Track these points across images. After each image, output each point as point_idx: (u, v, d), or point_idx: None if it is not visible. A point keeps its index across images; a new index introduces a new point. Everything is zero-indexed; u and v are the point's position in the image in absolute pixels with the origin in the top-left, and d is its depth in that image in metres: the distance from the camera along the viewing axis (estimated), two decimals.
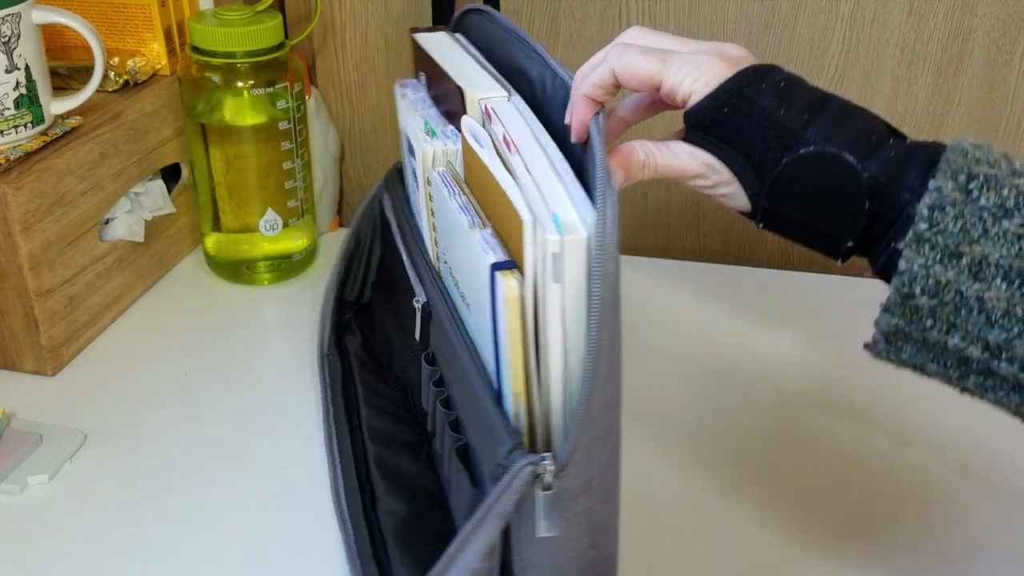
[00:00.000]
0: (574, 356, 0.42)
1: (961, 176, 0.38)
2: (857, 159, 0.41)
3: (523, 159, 0.45)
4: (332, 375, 0.67)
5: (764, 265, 0.98)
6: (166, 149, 0.80)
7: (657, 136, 0.49)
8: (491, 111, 0.49)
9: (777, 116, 0.43)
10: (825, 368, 0.73)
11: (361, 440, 0.62)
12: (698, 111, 0.44)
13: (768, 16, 0.86)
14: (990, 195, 0.37)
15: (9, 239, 0.65)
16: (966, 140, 0.39)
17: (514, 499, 0.41)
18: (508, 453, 0.41)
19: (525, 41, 0.53)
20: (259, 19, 0.75)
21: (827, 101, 0.44)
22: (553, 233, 0.40)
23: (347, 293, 0.74)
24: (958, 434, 0.67)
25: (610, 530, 0.45)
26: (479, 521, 0.42)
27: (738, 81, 0.44)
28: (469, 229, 0.46)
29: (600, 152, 0.40)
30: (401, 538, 0.54)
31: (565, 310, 0.41)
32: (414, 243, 0.60)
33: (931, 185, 0.38)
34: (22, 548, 0.56)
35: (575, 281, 0.40)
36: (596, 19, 0.89)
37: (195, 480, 0.61)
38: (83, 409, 0.67)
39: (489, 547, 0.42)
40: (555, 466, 0.40)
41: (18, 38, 0.65)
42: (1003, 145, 0.88)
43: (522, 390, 0.43)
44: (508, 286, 0.41)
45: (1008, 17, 0.83)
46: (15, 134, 0.67)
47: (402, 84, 0.63)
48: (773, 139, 0.43)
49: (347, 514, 0.56)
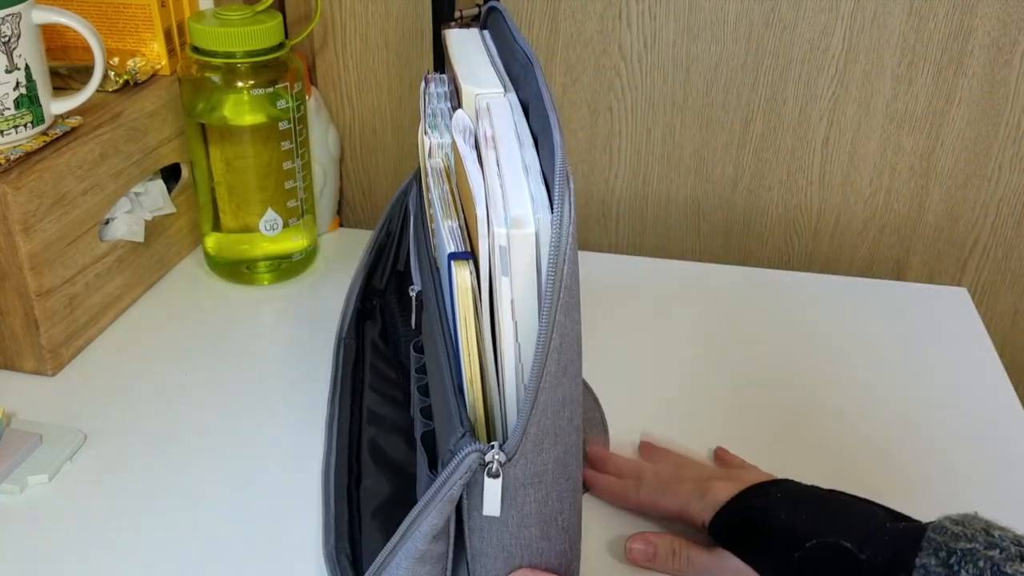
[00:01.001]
0: (528, 349, 0.43)
1: (942, 553, 0.43)
2: (855, 545, 0.47)
3: (498, 156, 0.46)
4: (346, 359, 0.69)
5: (764, 265, 0.98)
6: (166, 149, 0.80)
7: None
8: (484, 106, 0.50)
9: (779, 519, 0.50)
10: (825, 368, 0.73)
11: (359, 422, 0.63)
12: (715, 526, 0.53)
13: (768, 16, 0.86)
14: (968, 567, 0.42)
15: (9, 239, 0.65)
16: (948, 519, 0.45)
17: (460, 484, 0.42)
18: (458, 440, 0.43)
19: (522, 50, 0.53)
20: (259, 19, 0.75)
21: (829, 499, 0.51)
22: (501, 226, 0.40)
23: (376, 281, 0.75)
24: (958, 435, 0.67)
25: (567, 527, 0.46)
26: (426, 504, 0.43)
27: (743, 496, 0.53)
28: (441, 219, 0.47)
29: (560, 154, 0.41)
30: (378, 517, 0.56)
31: (514, 303, 0.42)
32: (422, 233, 0.61)
33: (917, 563, 0.44)
34: (22, 548, 0.56)
35: (523, 275, 0.41)
36: (596, 19, 0.89)
37: (195, 480, 0.61)
38: (83, 409, 0.67)
39: (435, 529, 0.44)
40: (502, 455, 0.42)
41: (18, 38, 0.65)
42: (1002, 145, 0.88)
43: (476, 379, 0.44)
44: (460, 276, 0.43)
45: (1008, 17, 0.83)
46: (15, 134, 0.67)
47: (428, 78, 0.63)
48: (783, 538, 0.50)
49: (332, 491, 0.58)
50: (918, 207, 0.93)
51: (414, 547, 0.44)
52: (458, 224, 0.46)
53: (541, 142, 0.46)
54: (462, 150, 0.46)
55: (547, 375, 0.41)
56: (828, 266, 0.97)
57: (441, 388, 0.48)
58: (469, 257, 0.43)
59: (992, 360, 0.75)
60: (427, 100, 0.59)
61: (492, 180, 0.44)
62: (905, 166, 0.91)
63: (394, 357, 0.71)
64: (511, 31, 0.55)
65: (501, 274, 0.41)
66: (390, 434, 0.63)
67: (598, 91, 0.92)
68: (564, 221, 0.39)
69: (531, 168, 0.44)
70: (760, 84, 0.89)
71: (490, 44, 0.59)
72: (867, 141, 0.90)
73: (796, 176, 0.93)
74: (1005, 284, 0.95)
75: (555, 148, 0.41)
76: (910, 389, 0.72)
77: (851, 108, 0.89)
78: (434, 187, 0.50)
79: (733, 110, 0.91)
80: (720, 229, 0.97)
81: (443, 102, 0.59)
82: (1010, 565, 0.41)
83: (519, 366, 0.43)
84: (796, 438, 0.66)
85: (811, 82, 0.88)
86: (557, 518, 0.45)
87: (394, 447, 0.62)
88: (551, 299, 0.40)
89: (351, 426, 0.63)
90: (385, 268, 0.75)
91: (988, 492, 0.62)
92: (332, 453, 0.61)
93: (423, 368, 0.54)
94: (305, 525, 0.58)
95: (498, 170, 0.44)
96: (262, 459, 0.63)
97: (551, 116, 0.44)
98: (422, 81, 0.63)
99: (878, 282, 0.86)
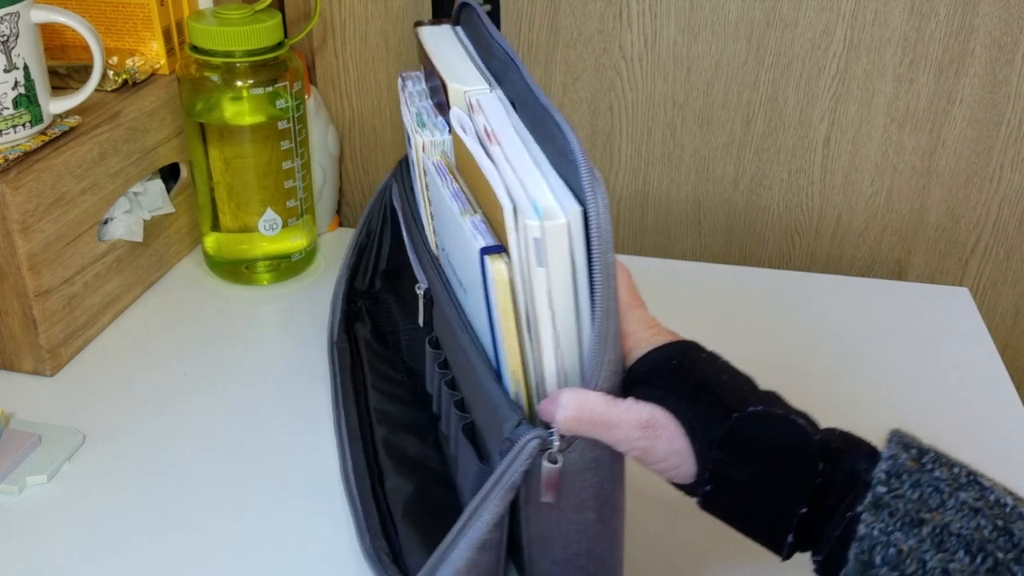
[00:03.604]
0: (565, 337, 0.43)
1: (913, 449, 0.39)
2: (806, 424, 0.41)
3: (503, 149, 0.46)
4: (341, 362, 0.69)
5: (764, 265, 0.98)
6: (165, 149, 0.80)
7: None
8: (475, 103, 0.50)
9: (721, 379, 0.43)
10: (825, 368, 0.73)
11: (369, 423, 0.63)
12: (646, 361, 0.44)
13: (769, 14, 0.86)
14: (943, 470, 0.38)
15: (8, 239, 0.65)
16: None
17: (522, 471, 0.42)
18: (514, 427, 0.43)
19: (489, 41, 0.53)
20: (258, 18, 0.75)
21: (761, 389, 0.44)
22: (533, 219, 0.41)
23: (358, 283, 0.75)
24: (959, 434, 0.67)
25: (616, 507, 0.46)
26: (487, 493, 0.43)
27: (682, 344, 0.45)
28: (460, 215, 0.47)
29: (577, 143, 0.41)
30: (409, 515, 0.56)
31: (551, 293, 0.42)
32: (417, 231, 0.61)
33: (885, 453, 0.39)
34: (22, 548, 0.56)
35: (559, 265, 0.42)
36: (596, 19, 0.89)
37: (194, 480, 0.61)
38: (82, 409, 0.67)
39: (498, 518, 0.44)
40: (562, 441, 0.42)
41: (17, 37, 0.65)
42: (1004, 145, 0.88)
43: (519, 368, 0.45)
44: (497, 269, 0.42)
45: (1010, 16, 0.82)
46: (14, 134, 0.67)
47: (404, 77, 0.63)
48: (720, 398, 0.42)
49: (356, 493, 0.58)
50: (919, 207, 0.92)
51: (476, 536, 0.44)
52: (481, 218, 0.46)
53: (540, 136, 0.46)
54: (470, 146, 0.47)
55: (606, 361, 0.41)
56: (829, 266, 0.97)
57: (474, 380, 0.48)
58: (501, 250, 0.43)
59: (993, 360, 0.75)
60: (408, 99, 0.60)
61: (508, 174, 0.44)
62: (906, 166, 0.91)
63: (395, 356, 0.70)
64: (486, 28, 0.55)
65: (536, 265, 0.41)
66: (402, 432, 0.63)
67: (598, 90, 0.92)
68: (600, 207, 0.40)
69: (540, 161, 0.45)
70: (761, 83, 0.89)
71: (465, 41, 0.59)
72: (868, 140, 0.90)
73: (797, 176, 0.93)
74: (1007, 284, 0.95)
75: (569, 140, 0.41)
76: (911, 389, 0.71)
77: (852, 107, 0.89)
78: (442, 185, 0.50)
79: (734, 109, 0.91)
80: (721, 228, 0.97)
81: (424, 100, 0.59)
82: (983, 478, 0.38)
83: (558, 353, 0.44)
84: None
85: (812, 81, 0.88)
86: (611, 500, 0.46)
87: (409, 445, 0.62)
88: (603, 285, 0.40)
89: (361, 426, 0.63)
90: (367, 268, 0.75)
91: None
92: (347, 455, 0.60)
93: (445, 363, 0.54)
94: (305, 524, 0.58)
95: (509, 164, 0.45)
96: (262, 459, 0.63)
97: (552, 110, 0.44)
98: (399, 80, 0.63)
99: (879, 282, 0.86)
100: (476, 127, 0.49)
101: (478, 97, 0.51)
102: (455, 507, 0.56)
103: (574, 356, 0.44)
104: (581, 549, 0.46)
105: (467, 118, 0.50)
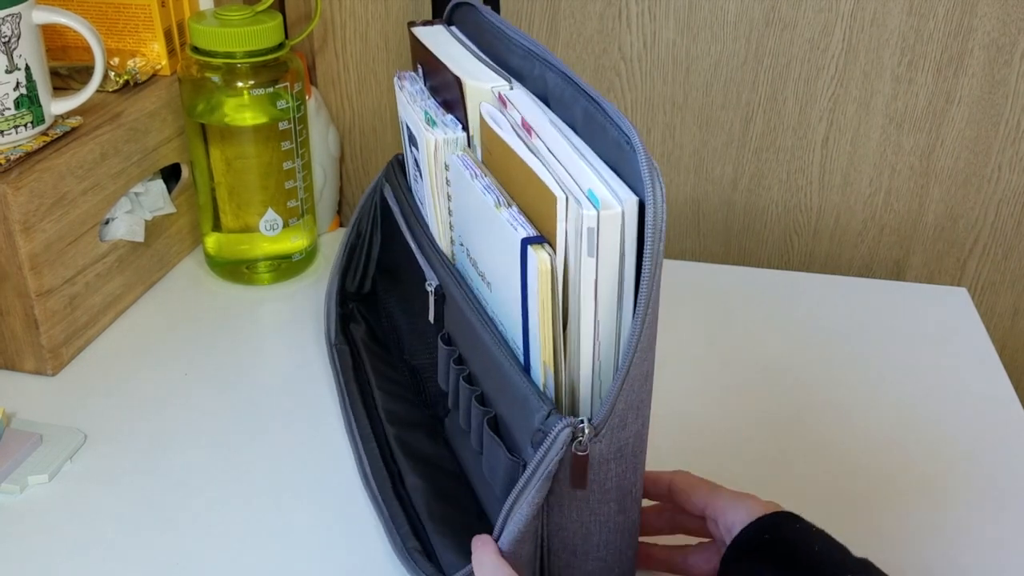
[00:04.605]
0: (604, 328, 0.44)
1: None
2: None
3: (544, 142, 0.46)
4: (343, 363, 0.69)
5: (764, 265, 0.98)
6: (166, 149, 0.80)
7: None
8: (504, 98, 0.51)
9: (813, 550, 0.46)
10: (824, 368, 0.73)
11: (380, 423, 0.64)
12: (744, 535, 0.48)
13: (768, 15, 0.86)
14: None
15: (9, 239, 0.65)
16: None
17: (556, 460, 0.43)
18: (545, 418, 0.43)
19: (509, 38, 0.54)
20: (259, 19, 0.75)
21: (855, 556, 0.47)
22: (590, 208, 0.41)
23: (348, 284, 0.75)
24: (958, 434, 0.67)
25: (636, 498, 0.47)
26: (525, 484, 0.43)
27: (776, 516, 0.48)
28: (495, 208, 0.47)
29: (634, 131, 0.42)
30: (432, 513, 0.56)
31: (598, 283, 0.42)
32: (421, 229, 0.61)
33: None
34: (22, 548, 0.56)
35: (609, 255, 0.42)
36: (596, 19, 0.89)
37: (196, 479, 0.61)
38: (83, 409, 0.67)
39: (536, 508, 0.44)
40: (590, 429, 0.42)
41: (18, 38, 0.65)
42: (1002, 145, 0.88)
43: (551, 360, 0.45)
44: (540, 259, 0.43)
45: (1008, 17, 0.83)
46: (15, 134, 0.67)
47: (400, 76, 0.63)
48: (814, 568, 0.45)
49: (378, 494, 0.58)
50: (918, 207, 0.93)
51: (516, 529, 0.44)
52: (517, 210, 0.47)
53: (586, 128, 0.46)
54: (508, 140, 0.47)
55: (640, 349, 0.42)
56: (828, 266, 0.97)
57: (497, 373, 0.48)
58: (543, 241, 0.44)
59: (992, 360, 0.75)
60: (409, 98, 0.60)
61: (555, 165, 0.44)
62: (905, 166, 0.91)
63: (395, 356, 0.71)
64: (502, 27, 0.55)
65: (587, 255, 0.42)
66: (413, 431, 0.63)
67: (598, 91, 0.92)
68: (658, 196, 0.40)
69: (585, 152, 0.45)
70: (760, 84, 0.89)
71: (465, 40, 0.59)
72: (867, 141, 0.90)
73: (796, 176, 0.93)
74: (1005, 284, 0.95)
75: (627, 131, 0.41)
76: (910, 389, 0.72)
77: (851, 108, 0.89)
78: (472, 179, 0.50)
79: (733, 110, 0.91)
80: (720, 229, 0.97)
81: (427, 98, 0.59)
82: None
83: (596, 344, 0.44)
84: (796, 438, 0.66)
85: (811, 81, 0.88)
86: (632, 491, 0.46)
87: (422, 443, 0.62)
88: (651, 274, 0.40)
89: (373, 428, 0.63)
90: (357, 269, 0.75)
91: (988, 492, 0.62)
92: (363, 457, 0.61)
93: (460, 359, 0.54)
94: (305, 523, 0.58)
95: (553, 156, 0.45)
96: (262, 458, 0.63)
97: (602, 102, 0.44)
98: (395, 79, 0.63)
99: (878, 282, 0.86)
100: (512, 120, 0.49)
101: (505, 93, 0.51)
102: (475, 502, 0.56)
103: (610, 347, 0.44)
104: (601, 540, 0.47)
105: (498, 112, 0.50)
